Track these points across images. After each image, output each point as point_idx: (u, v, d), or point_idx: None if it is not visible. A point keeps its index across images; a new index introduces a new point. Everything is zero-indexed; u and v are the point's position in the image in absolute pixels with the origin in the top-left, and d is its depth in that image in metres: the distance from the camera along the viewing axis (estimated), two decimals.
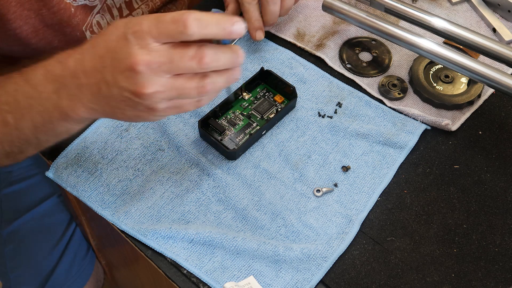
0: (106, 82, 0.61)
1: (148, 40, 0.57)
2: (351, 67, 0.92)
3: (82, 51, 0.63)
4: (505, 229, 0.77)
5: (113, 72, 0.60)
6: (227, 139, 0.83)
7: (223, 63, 0.59)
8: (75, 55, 0.64)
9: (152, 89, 0.58)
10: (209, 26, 0.57)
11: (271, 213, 0.78)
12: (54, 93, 0.64)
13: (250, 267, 0.74)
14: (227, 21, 0.57)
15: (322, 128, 0.85)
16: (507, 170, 0.82)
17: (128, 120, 0.65)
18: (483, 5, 0.99)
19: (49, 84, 0.65)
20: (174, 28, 0.56)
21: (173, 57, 0.58)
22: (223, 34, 0.58)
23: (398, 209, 0.79)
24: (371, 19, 0.87)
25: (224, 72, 0.61)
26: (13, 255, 1.08)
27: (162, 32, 0.57)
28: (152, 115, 0.63)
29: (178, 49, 0.58)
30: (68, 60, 0.64)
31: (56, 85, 0.64)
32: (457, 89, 0.89)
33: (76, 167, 0.82)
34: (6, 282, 1.10)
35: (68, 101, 0.64)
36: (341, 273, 0.74)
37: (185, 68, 0.58)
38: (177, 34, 0.56)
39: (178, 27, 0.56)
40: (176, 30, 0.56)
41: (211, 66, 0.59)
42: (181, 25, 0.56)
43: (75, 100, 0.64)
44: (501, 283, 0.73)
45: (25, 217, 1.07)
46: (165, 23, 0.56)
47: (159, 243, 0.75)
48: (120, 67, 0.59)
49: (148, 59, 0.57)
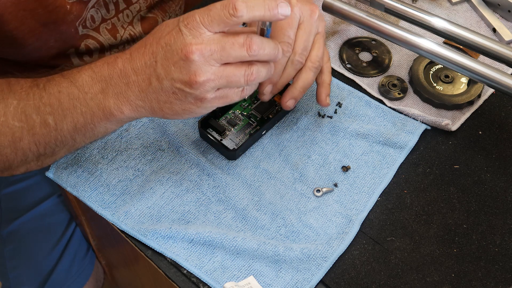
0: (157, 75, 0.64)
1: (201, 29, 0.61)
2: (351, 67, 0.92)
3: (130, 52, 0.67)
4: (505, 229, 0.77)
5: (166, 64, 0.63)
6: (227, 139, 0.83)
7: (267, 53, 0.63)
8: (124, 56, 0.67)
9: (204, 77, 0.62)
10: (256, 8, 0.60)
11: (271, 213, 0.78)
12: (100, 93, 0.67)
13: (250, 267, 0.74)
14: (273, 2, 0.61)
15: (322, 128, 0.85)
16: (507, 170, 0.82)
17: (174, 115, 0.67)
18: (483, 5, 0.99)
19: (96, 84, 0.67)
20: (225, 13, 0.60)
21: (224, 44, 0.61)
22: (270, 15, 0.61)
23: (398, 209, 0.79)
24: (371, 19, 0.87)
25: (266, 63, 0.65)
26: (12, 255, 1.08)
27: (214, 19, 0.61)
28: (199, 107, 0.65)
29: (229, 37, 0.62)
30: (117, 61, 0.67)
31: (103, 84, 0.67)
32: (457, 89, 0.89)
33: (76, 167, 0.82)
34: (5, 282, 1.09)
35: (114, 99, 0.67)
36: (341, 273, 0.74)
37: (235, 55, 0.62)
38: (228, 17, 0.60)
39: (228, 10, 0.60)
40: (227, 14, 0.60)
41: (258, 53, 0.63)
42: (231, 8, 0.60)
43: (121, 98, 0.67)
44: (501, 283, 0.73)
45: (25, 217, 1.07)
46: (215, 9, 0.60)
47: (159, 243, 0.75)
48: (173, 59, 0.62)
49: (201, 47, 0.61)
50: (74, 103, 0.68)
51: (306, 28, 0.77)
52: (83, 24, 0.89)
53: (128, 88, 0.66)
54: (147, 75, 0.65)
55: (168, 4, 1.03)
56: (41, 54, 0.89)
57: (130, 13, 0.95)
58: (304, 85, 0.79)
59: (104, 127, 0.70)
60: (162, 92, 0.65)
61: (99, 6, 0.89)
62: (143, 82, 0.66)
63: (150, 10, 0.99)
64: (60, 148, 0.72)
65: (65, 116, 0.69)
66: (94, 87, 0.68)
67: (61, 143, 0.71)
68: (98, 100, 0.68)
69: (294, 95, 0.79)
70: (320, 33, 0.79)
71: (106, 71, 0.67)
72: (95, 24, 0.90)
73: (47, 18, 0.83)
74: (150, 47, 0.65)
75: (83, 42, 0.90)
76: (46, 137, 0.71)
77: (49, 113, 0.69)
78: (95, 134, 0.71)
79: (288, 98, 0.79)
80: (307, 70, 0.78)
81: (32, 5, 0.81)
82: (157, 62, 0.64)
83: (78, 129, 0.70)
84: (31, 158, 0.73)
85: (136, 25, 0.98)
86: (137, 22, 0.98)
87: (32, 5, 0.81)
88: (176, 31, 0.63)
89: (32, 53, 0.88)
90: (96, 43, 0.93)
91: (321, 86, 0.81)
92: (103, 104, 0.68)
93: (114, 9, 0.92)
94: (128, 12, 0.94)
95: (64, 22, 0.86)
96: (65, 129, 0.70)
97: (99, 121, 0.69)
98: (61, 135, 0.70)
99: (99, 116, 0.68)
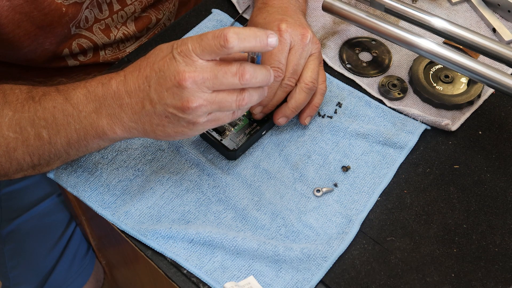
0: (151, 100, 0.65)
1: (193, 57, 0.62)
2: (351, 67, 0.92)
3: (124, 74, 0.68)
4: (505, 229, 0.77)
5: (159, 90, 0.64)
6: (227, 139, 0.83)
7: (260, 80, 0.64)
8: (118, 77, 0.68)
9: (197, 103, 0.63)
10: (247, 39, 0.61)
11: (271, 213, 0.78)
12: (94, 112, 0.68)
13: (250, 267, 0.74)
14: (263, 34, 0.62)
15: (322, 128, 0.85)
16: (507, 170, 0.82)
17: (166, 137, 0.68)
18: (483, 5, 0.99)
19: (90, 103, 0.69)
20: (216, 43, 0.61)
21: (217, 73, 0.63)
22: (260, 47, 0.62)
23: (398, 209, 0.79)
24: (371, 19, 0.87)
25: (259, 88, 0.66)
26: (12, 254, 1.08)
27: (206, 48, 0.61)
28: (192, 130, 0.66)
29: (222, 66, 0.63)
30: (111, 82, 0.68)
31: (97, 104, 0.68)
32: (457, 89, 0.89)
33: (76, 167, 0.82)
34: (5, 281, 1.10)
35: (107, 119, 0.68)
36: (341, 273, 0.74)
37: (227, 83, 0.63)
38: (219, 48, 0.61)
39: (219, 41, 0.61)
40: (218, 45, 0.61)
41: (251, 82, 0.64)
42: (222, 40, 0.61)
43: (114, 119, 0.68)
44: (501, 283, 0.73)
45: (24, 216, 1.07)
46: (207, 39, 0.61)
47: (159, 243, 0.75)
48: (166, 84, 0.64)
49: (194, 75, 0.62)
50: (68, 119, 0.70)
51: (297, 52, 0.79)
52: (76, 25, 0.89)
53: (122, 110, 0.68)
54: (141, 98, 0.66)
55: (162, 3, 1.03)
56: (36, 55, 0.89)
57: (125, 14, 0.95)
58: (296, 105, 0.80)
59: (97, 144, 0.71)
60: (155, 116, 0.66)
61: (92, 6, 0.89)
62: (136, 105, 0.67)
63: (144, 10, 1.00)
64: (54, 160, 0.74)
65: (59, 131, 0.70)
66: (88, 106, 0.69)
67: (55, 155, 0.73)
68: (91, 119, 0.69)
69: (286, 114, 0.81)
70: (314, 55, 0.81)
71: (100, 91, 0.68)
72: (88, 24, 0.91)
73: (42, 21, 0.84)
74: (144, 71, 0.66)
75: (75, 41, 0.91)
76: (40, 149, 0.72)
77: (43, 126, 0.70)
78: (88, 149, 0.73)
79: (280, 115, 0.81)
80: (300, 90, 0.80)
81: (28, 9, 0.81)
82: (151, 87, 0.65)
83: (71, 144, 0.71)
84: (26, 167, 0.74)
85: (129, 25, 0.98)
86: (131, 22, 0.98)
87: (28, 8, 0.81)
88: (170, 57, 0.64)
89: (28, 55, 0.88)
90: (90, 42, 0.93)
91: (308, 107, 0.83)
92: (96, 123, 0.69)
93: (107, 10, 0.92)
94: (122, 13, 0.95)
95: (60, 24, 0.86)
96: (58, 143, 0.71)
97: (92, 139, 0.70)
98: (55, 149, 0.72)
99: (92, 134, 0.70)
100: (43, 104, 0.71)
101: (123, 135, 0.70)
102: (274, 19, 0.81)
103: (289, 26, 0.79)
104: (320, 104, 0.84)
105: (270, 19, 0.81)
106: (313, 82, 0.80)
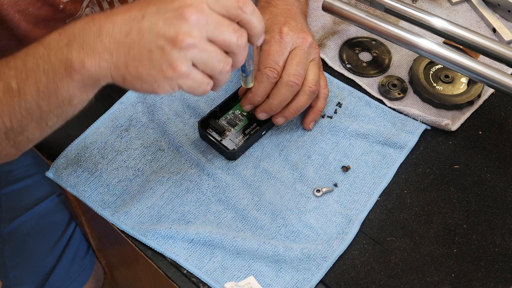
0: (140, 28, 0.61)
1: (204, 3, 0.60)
2: (351, 67, 0.92)
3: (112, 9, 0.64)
4: (505, 229, 0.77)
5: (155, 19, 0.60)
6: (227, 140, 0.83)
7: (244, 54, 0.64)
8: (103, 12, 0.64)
9: (192, 40, 0.59)
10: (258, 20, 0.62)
11: (271, 213, 0.78)
12: (65, 46, 0.63)
13: (250, 267, 0.74)
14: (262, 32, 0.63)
15: (322, 128, 0.85)
16: (507, 170, 0.82)
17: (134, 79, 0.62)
18: (483, 5, 0.99)
19: (63, 39, 0.63)
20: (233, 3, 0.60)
21: (221, 23, 0.61)
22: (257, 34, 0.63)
23: (398, 209, 0.79)
24: (371, 19, 0.87)
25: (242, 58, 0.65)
26: (12, 254, 1.08)
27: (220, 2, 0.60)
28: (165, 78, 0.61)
29: (226, 19, 0.61)
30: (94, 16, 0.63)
31: (70, 37, 0.63)
32: (457, 89, 0.89)
33: (76, 167, 0.82)
34: (5, 281, 1.10)
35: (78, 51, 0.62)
36: (341, 273, 0.74)
37: (225, 37, 0.61)
38: (235, 8, 0.61)
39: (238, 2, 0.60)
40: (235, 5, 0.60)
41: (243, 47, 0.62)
42: (242, 2, 0.60)
43: (87, 48, 0.62)
44: (501, 283, 0.73)
45: (24, 216, 1.08)
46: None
47: (159, 243, 0.75)
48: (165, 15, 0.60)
49: (200, 13, 0.60)
50: (38, 61, 0.64)
51: (297, 53, 0.79)
52: None
53: (98, 39, 0.62)
54: (127, 27, 0.61)
55: None
56: None
57: None
58: (297, 107, 0.80)
59: (66, 89, 0.64)
60: (138, 47, 0.61)
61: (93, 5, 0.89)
62: (119, 33, 0.62)
63: None
64: (27, 121, 0.67)
65: (27, 77, 0.65)
66: (60, 42, 0.63)
67: (26, 112, 0.66)
68: (61, 54, 0.63)
69: (285, 115, 0.81)
70: (314, 60, 0.81)
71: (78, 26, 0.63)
72: None
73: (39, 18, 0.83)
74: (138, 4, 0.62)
75: None
76: (9, 104, 0.66)
77: (13, 76, 0.65)
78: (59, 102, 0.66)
79: (279, 115, 0.81)
80: (303, 93, 0.80)
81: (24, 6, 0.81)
82: (145, 17, 0.61)
83: (41, 91, 0.65)
84: None
85: None
86: None
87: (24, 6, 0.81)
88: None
89: None
90: None
91: (311, 111, 0.83)
92: (65, 57, 0.62)
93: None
94: None
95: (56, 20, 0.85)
96: (28, 92, 0.65)
97: (61, 80, 0.64)
98: (25, 100, 0.65)
99: (61, 73, 0.63)
100: (16, 54, 0.66)
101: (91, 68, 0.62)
102: (277, 21, 0.81)
103: (290, 29, 0.80)
104: (323, 108, 0.84)
105: (273, 21, 0.81)
106: (316, 85, 0.80)
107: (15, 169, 1.09)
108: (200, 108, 0.87)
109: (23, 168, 1.09)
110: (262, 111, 0.81)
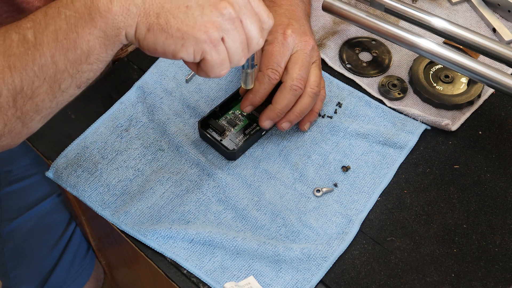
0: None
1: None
2: (351, 67, 0.92)
3: None
4: (505, 229, 0.77)
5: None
6: (227, 140, 0.83)
7: None
8: None
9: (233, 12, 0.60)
10: None
11: (271, 213, 0.78)
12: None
13: (250, 267, 0.74)
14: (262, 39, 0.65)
15: (322, 128, 0.85)
16: (507, 170, 0.82)
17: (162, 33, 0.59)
18: (483, 5, 0.99)
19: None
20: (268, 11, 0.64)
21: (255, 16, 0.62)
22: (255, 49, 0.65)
23: (398, 209, 0.79)
24: (371, 19, 0.87)
25: None
26: (12, 254, 1.08)
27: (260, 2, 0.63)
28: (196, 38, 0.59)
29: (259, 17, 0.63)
30: None
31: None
32: (457, 89, 0.89)
33: (76, 167, 0.82)
34: (5, 281, 1.10)
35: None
36: (341, 273, 0.74)
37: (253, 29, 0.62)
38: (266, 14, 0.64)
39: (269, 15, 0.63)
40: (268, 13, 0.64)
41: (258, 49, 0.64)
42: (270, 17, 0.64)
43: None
44: (501, 283, 0.73)
45: (24, 216, 1.07)
46: None
47: (159, 243, 0.75)
48: None
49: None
50: (60, 9, 0.60)
51: (300, 57, 0.79)
52: None
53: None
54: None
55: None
56: None
57: None
58: (301, 109, 0.80)
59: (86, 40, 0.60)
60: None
61: None
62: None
63: None
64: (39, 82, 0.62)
65: (47, 26, 0.60)
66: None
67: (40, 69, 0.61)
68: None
69: (289, 119, 0.81)
70: (315, 62, 0.81)
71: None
72: None
73: None
74: None
75: None
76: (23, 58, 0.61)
77: (30, 27, 0.61)
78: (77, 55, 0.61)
79: (284, 120, 0.81)
80: (306, 95, 0.80)
81: None
82: None
83: (59, 41, 0.60)
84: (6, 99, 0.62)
85: None
86: None
87: None
88: None
89: None
90: None
91: (308, 113, 0.83)
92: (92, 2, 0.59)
93: None
94: None
95: None
96: (45, 43, 0.61)
97: (83, 27, 0.60)
98: (40, 53, 0.61)
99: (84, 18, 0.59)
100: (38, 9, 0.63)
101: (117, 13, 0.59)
102: (281, 22, 0.81)
103: (294, 32, 0.80)
104: (320, 109, 0.84)
105: (276, 22, 0.81)
106: (318, 87, 0.80)
107: (15, 169, 1.09)
108: (200, 108, 0.87)
109: (23, 168, 1.09)
110: (267, 118, 0.80)
